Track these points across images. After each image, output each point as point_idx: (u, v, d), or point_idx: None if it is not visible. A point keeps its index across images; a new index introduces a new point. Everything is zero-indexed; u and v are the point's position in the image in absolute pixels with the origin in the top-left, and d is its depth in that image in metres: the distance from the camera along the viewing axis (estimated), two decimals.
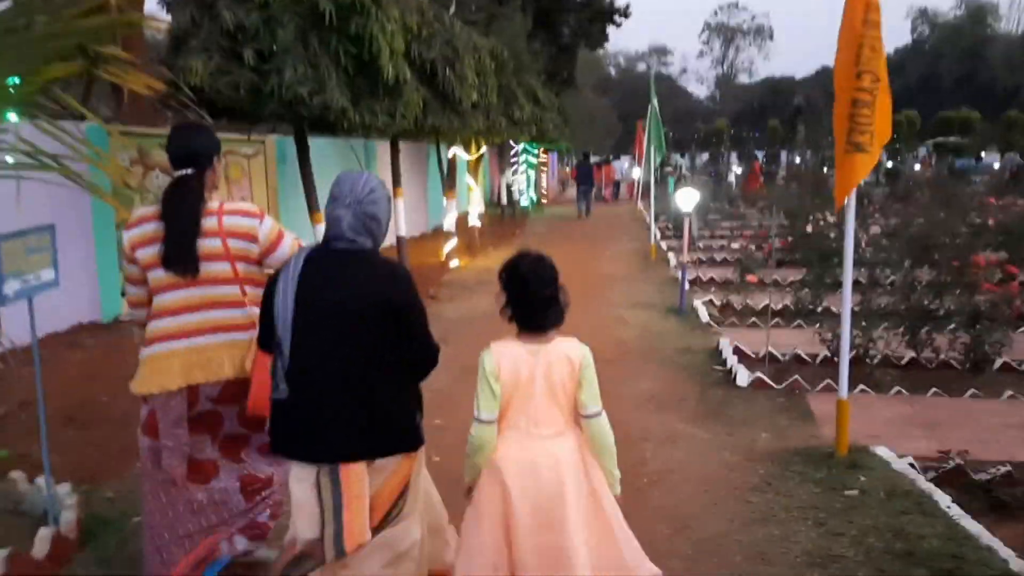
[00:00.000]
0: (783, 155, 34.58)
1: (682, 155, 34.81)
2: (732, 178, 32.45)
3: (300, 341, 2.32)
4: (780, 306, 8.64)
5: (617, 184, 33.51)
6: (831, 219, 13.49)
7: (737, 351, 6.71)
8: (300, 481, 2.35)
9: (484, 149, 14.20)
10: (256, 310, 2.62)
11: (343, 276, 2.34)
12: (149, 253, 2.68)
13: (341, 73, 6.62)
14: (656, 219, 20.76)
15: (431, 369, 2.50)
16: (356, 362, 2.32)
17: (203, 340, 2.69)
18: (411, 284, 2.43)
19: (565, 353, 2.43)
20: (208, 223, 2.67)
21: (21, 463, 4.01)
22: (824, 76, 75.05)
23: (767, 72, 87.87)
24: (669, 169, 36.34)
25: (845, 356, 4.43)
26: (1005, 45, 70.17)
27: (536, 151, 25.29)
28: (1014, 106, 37.13)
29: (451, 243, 12.51)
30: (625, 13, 25.93)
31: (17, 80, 3.27)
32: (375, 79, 6.76)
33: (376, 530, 2.33)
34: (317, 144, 11.11)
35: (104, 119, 10.43)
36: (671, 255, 12.77)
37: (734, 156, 37.08)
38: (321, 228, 9.55)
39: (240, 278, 2.72)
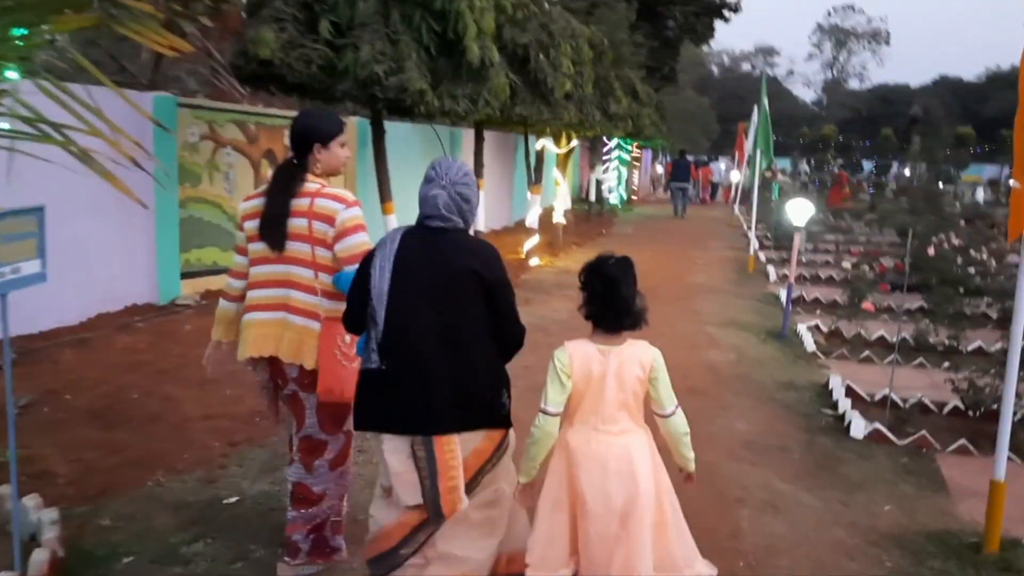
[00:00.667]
0: (895, 166, 32.36)
1: (792, 162, 32.99)
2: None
3: (395, 314, 2.39)
4: (897, 339, 7.62)
5: (715, 186, 32.11)
6: (956, 241, 12.19)
7: (850, 392, 5.79)
8: (394, 452, 2.43)
9: (575, 142, 13.44)
10: (327, 302, 2.78)
11: (437, 251, 2.43)
12: (251, 226, 2.84)
13: (422, 52, 6.03)
14: (755, 226, 19.70)
15: (518, 349, 2.58)
16: (449, 335, 2.40)
17: (278, 316, 2.81)
18: (501, 261, 2.52)
19: (636, 355, 2.50)
20: (300, 203, 2.76)
21: (27, 466, 3.58)
22: (943, 86, 70.85)
23: (880, 79, 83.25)
24: (768, 174, 34.75)
25: (1007, 422, 3.52)
26: None
27: (630, 147, 24.33)
28: None
29: (532, 240, 11.84)
30: (735, 8, 24.59)
31: (24, 32, 2.81)
32: (459, 61, 6.14)
33: (468, 485, 2.44)
34: (398, 129, 10.66)
35: (183, 93, 10.35)
36: (771, 268, 11.73)
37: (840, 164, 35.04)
38: (392, 219, 9.22)
39: (315, 262, 2.78)
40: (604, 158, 20.05)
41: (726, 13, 24.69)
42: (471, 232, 2.61)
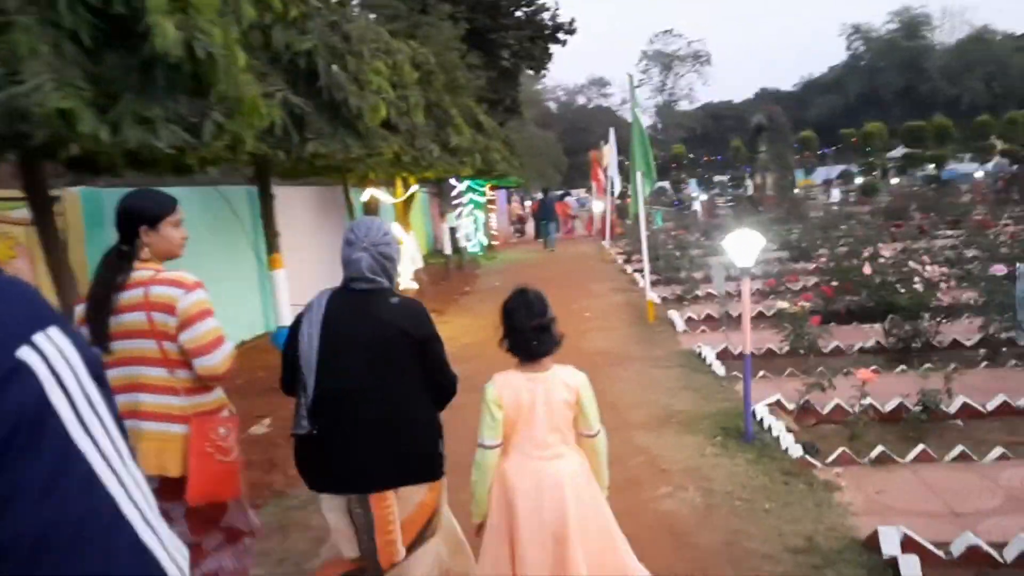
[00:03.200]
0: (756, 178, 31.86)
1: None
2: (697, 206, 29.73)
3: (326, 378, 2.41)
4: (895, 404, 5.35)
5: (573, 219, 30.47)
6: (888, 253, 10.41)
7: (910, 545, 3.34)
8: (332, 510, 2.52)
9: (416, 188, 10.77)
10: (194, 399, 2.60)
11: (366, 312, 2.47)
12: (85, 332, 2.57)
13: (65, 44, 3.13)
14: (647, 267, 17.67)
15: (451, 397, 2.66)
16: (382, 394, 2.44)
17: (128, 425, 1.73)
18: (428, 317, 2.58)
19: (563, 380, 2.59)
20: (132, 295, 2.54)
21: None
22: (764, 98, 74.23)
23: (707, 98, 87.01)
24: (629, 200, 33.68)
25: None
26: (941, 55, 70.28)
27: (483, 188, 22.00)
28: (956, 115, 35.80)
29: None
30: (569, 30, 23.06)
31: None
32: (147, 58, 3.28)
33: (409, 549, 2.51)
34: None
35: None
36: (674, 316, 9.44)
37: (693, 183, 34.50)
38: None
39: (167, 359, 2.55)
40: (455, 202, 17.52)
41: (560, 36, 23.09)
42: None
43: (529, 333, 2.54)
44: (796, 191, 29.07)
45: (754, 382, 6.41)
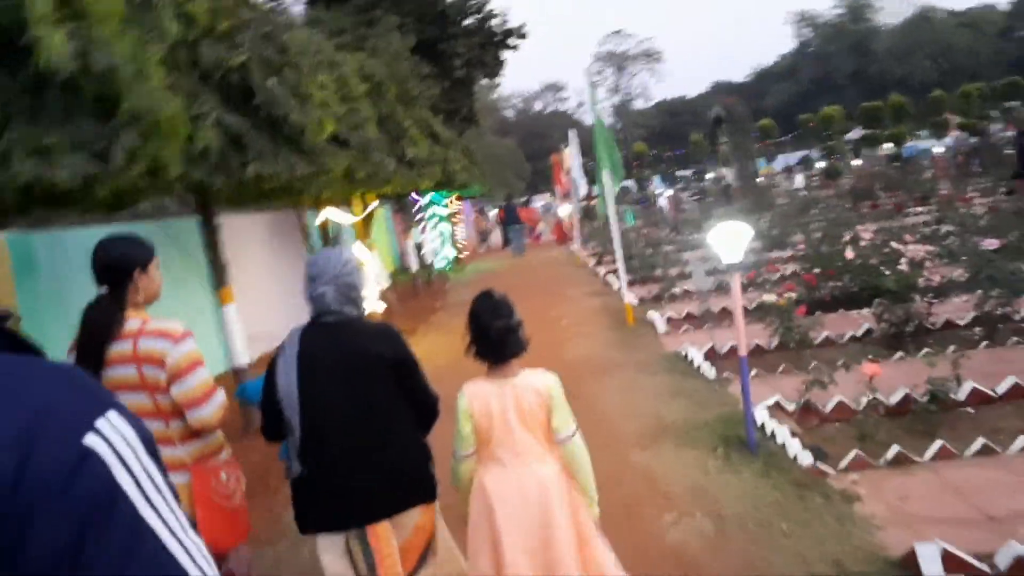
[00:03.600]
0: (722, 172, 31.80)
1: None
2: (663, 202, 29.54)
3: (310, 415, 2.37)
4: (901, 396, 5.01)
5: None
6: (866, 236, 10.16)
7: (951, 562, 2.96)
8: (329, 551, 2.44)
9: (375, 205, 10.30)
10: (192, 446, 2.55)
11: (340, 343, 2.43)
12: None
13: None
14: (599, 259, 17.42)
15: (436, 418, 2.61)
16: (368, 423, 2.40)
17: None
18: (402, 339, 2.55)
19: (532, 383, 2.54)
20: (121, 349, 2.47)
21: None
22: (718, 91, 74.82)
23: (662, 95, 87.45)
24: (595, 201, 33.39)
25: None
26: (888, 36, 71.38)
27: (445, 201, 21.55)
28: (908, 93, 36.12)
29: None
30: (520, 34, 22.72)
31: None
32: (39, 91, 2.79)
33: (419, 566, 2.48)
34: (77, 237, 6.97)
35: None
36: (654, 317, 9.07)
37: (657, 179, 34.38)
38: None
39: (160, 410, 2.49)
40: (417, 217, 17.05)
41: (511, 41, 22.75)
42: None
43: (495, 336, 2.52)
44: (759, 180, 29.00)
45: (733, 377, 6.05)
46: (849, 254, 7.92)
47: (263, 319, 8.42)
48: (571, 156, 19.18)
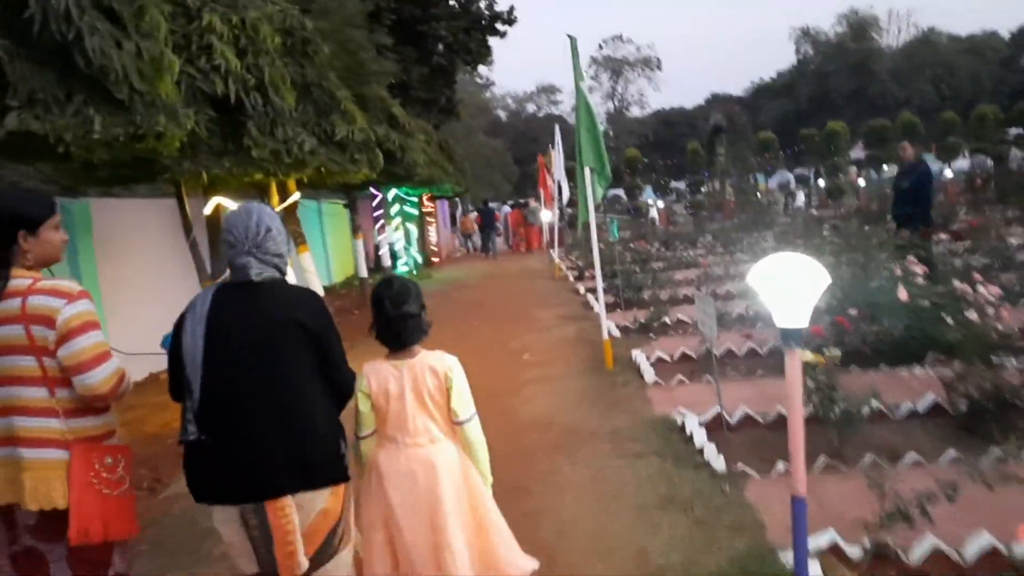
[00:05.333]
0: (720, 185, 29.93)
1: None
2: (654, 213, 27.63)
3: (212, 379, 2.24)
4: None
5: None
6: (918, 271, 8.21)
7: None
8: (225, 523, 2.31)
9: (297, 196, 8.23)
10: (78, 422, 2.37)
11: (255, 306, 2.29)
12: None
13: None
14: (580, 274, 15.37)
15: (349, 397, 2.50)
16: (277, 392, 2.26)
17: (4, 453, 2.31)
18: (324, 307, 2.39)
19: (431, 364, 2.56)
20: (7, 308, 2.30)
21: None
22: (715, 104, 73.08)
23: (658, 104, 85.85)
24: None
25: None
26: (890, 58, 70.06)
27: (416, 198, 19.49)
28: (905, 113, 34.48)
29: None
30: (509, 19, 20.73)
31: None
32: None
33: (313, 560, 2.31)
34: None
35: None
36: (639, 358, 7.07)
37: (648, 189, 32.50)
38: None
39: (47, 376, 2.33)
40: (375, 214, 15.01)
41: (499, 27, 20.75)
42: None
43: (394, 322, 2.51)
44: (758, 196, 27.17)
45: (772, 480, 4.06)
46: (903, 294, 5.95)
47: (135, 331, 6.38)
48: (556, 157, 17.20)
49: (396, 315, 2.50)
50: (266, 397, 2.23)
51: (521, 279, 16.27)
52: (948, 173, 26.97)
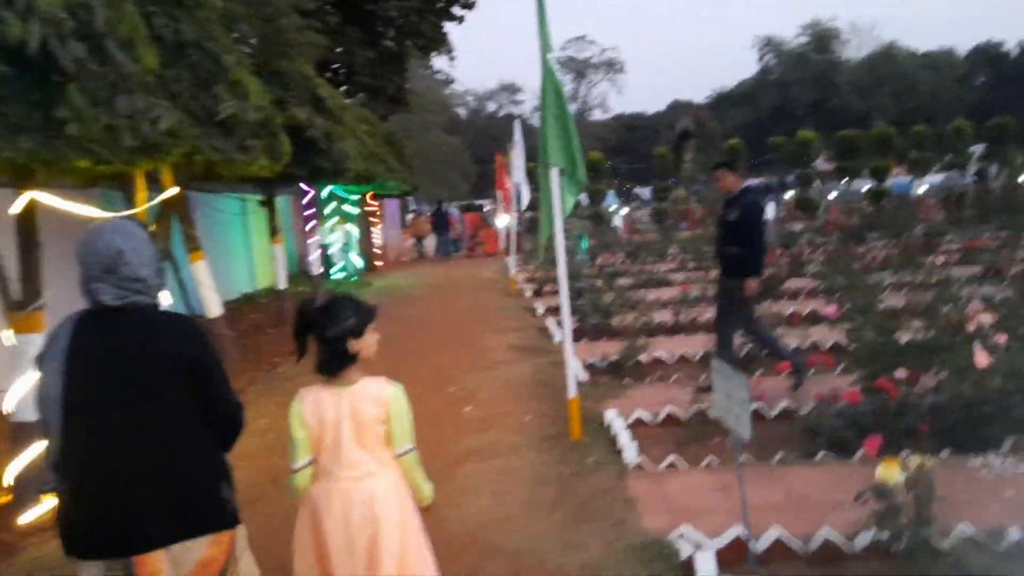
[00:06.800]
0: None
1: None
2: (618, 221, 26.07)
3: (74, 421, 2.02)
4: None
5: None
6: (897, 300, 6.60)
7: None
8: None
9: (173, 191, 6.29)
10: None
11: (122, 338, 2.04)
12: None
13: None
14: (539, 289, 13.56)
15: (239, 432, 2.26)
16: (145, 435, 2.03)
17: None
18: (204, 337, 2.19)
19: (371, 393, 2.41)
20: None
21: None
22: (677, 110, 72.25)
23: (621, 108, 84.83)
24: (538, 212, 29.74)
25: None
26: (851, 70, 70.03)
27: (357, 196, 17.55)
28: (864, 127, 33.56)
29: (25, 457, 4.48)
30: (467, 3, 18.91)
31: None
32: None
33: None
34: None
35: None
36: (616, 424, 5.36)
37: (611, 194, 30.92)
38: None
39: None
40: (305, 213, 13.06)
41: (456, 11, 18.91)
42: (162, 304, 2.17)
43: (332, 347, 2.37)
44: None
45: None
46: (982, 359, 4.30)
47: None
48: (515, 157, 15.46)
49: (326, 340, 2.35)
50: (133, 441, 1.98)
51: (472, 292, 14.46)
52: (921, 188, 25.96)
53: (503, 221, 19.03)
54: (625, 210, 26.27)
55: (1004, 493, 3.88)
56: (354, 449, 2.38)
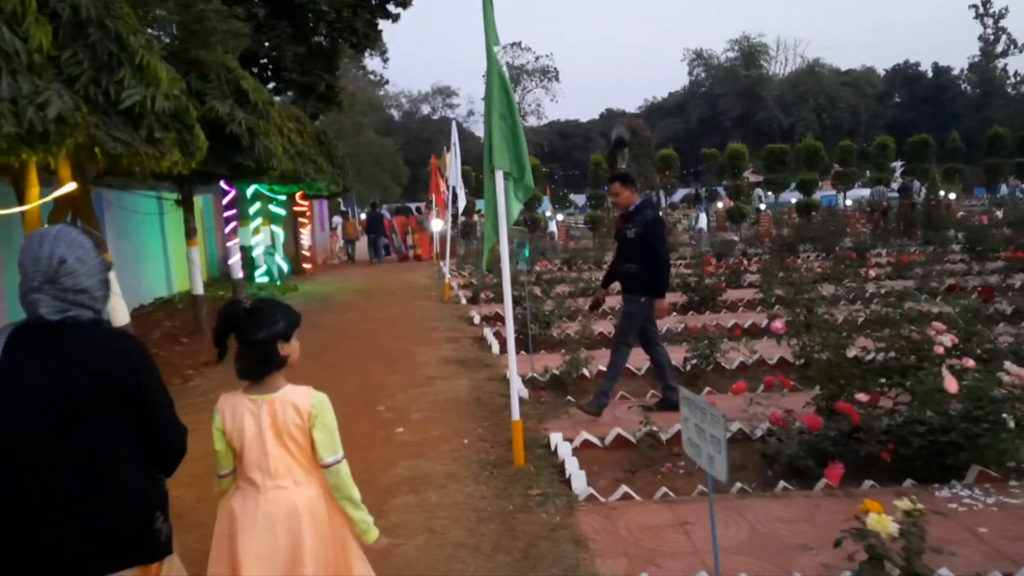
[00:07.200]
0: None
1: None
2: (554, 227, 25.89)
3: None
4: None
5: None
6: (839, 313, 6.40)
7: None
8: None
9: (70, 187, 5.60)
10: None
11: (54, 357, 1.89)
12: None
13: None
14: (474, 296, 13.07)
15: (180, 458, 2.08)
16: (74, 462, 1.87)
17: None
18: (145, 357, 2.01)
19: (293, 400, 2.31)
20: None
21: None
22: (610, 119, 73.03)
23: (555, 115, 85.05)
24: (478, 217, 29.29)
25: None
26: (777, 85, 72.08)
27: (284, 196, 16.77)
28: (787, 142, 34.55)
29: None
30: (402, 1, 18.33)
31: None
32: None
33: None
34: None
35: None
36: (561, 446, 4.97)
37: (546, 200, 30.75)
38: None
39: None
40: (227, 213, 12.30)
41: (392, 8, 18.32)
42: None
43: (254, 351, 2.28)
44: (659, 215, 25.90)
45: None
46: (951, 385, 4.06)
47: None
48: (451, 160, 15.00)
49: (248, 344, 2.26)
50: (59, 469, 1.84)
51: (405, 299, 13.91)
52: (848, 202, 26.66)
53: (438, 225, 18.51)
54: (560, 216, 26.07)
55: (978, 529, 3.64)
56: (278, 459, 2.28)
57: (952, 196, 24.67)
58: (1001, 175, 30.49)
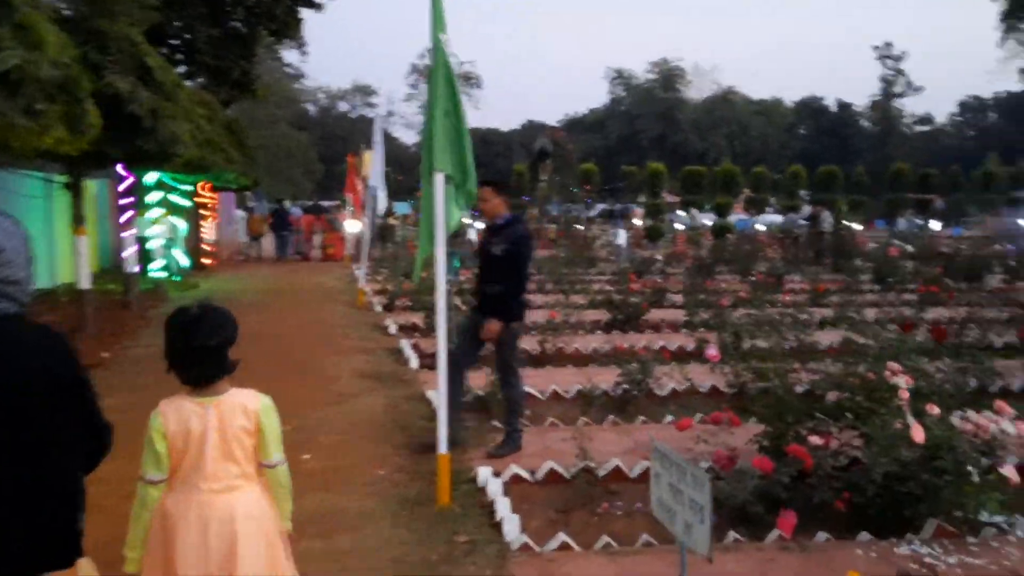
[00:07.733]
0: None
1: (413, 206, 27.20)
2: (472, 235, 25.37)
3: None
4: None
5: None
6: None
7: None
8: None
9: None
10: None
11: None
12: None
13: None
14: (391, 303, 12.40)
15: (104, 455, 2.05)
16: (15, 463, 1.78)
17: None
18: (72, 351, 1.95)
19: (240, 403, 2.33)
20: None
21: None
22: (531, 131, 73.35)
23: (477, 123, 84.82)
24: (394, 220, 28.45)
25: None
26: (693, 110, 74.11)
27: (189, 187, 15.67)
28: (701, 165, 35.65)
29: None
30: None
31: None
32: None
33: None
34: None
35: None
36: (491, 484, 4.48)
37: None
38: None
39: None
40: (123, 201, 11.26)
41: None
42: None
43: (200, 355, 2.26)
44: (578, 227, 25.88)
45: None
46: (918, 434, 3.82)
47: None
48: (374, 159, 14.31)
49: (195, 349, 2.23)
50: (4, 468, 1.76)
51: (314, 303, 13.12)
52: (759, 227, 27.31)
53: (353, 226, 17.73)
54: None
55: None
56: (218, 461, 2.28)
57: (860, 227, 25.62)
58: (901, 208, 32.01)
